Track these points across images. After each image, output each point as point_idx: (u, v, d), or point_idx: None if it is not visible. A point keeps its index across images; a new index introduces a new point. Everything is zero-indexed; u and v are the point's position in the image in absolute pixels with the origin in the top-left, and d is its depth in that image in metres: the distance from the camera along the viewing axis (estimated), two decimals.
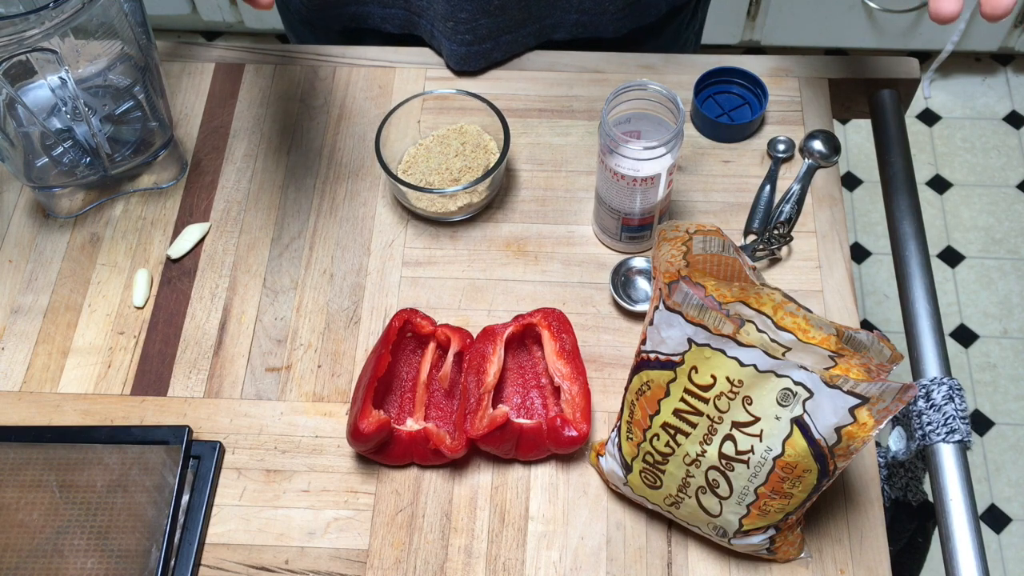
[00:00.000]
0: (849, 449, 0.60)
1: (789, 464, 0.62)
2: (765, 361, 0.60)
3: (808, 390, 0.59)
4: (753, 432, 0.62)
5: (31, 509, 0.72)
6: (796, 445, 0.61)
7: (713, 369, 0.61)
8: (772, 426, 0.61)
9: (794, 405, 0.60)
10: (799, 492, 0.63)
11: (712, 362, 0.61)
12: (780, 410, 0.60)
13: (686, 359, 0.62)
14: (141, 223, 0.88)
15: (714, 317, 0.60)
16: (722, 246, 0.66)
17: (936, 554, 0.74)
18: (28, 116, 0.82)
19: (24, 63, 0.78)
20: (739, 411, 0.61)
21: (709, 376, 0.62)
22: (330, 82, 0.96)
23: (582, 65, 0.96)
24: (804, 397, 0.60)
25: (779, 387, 0.60)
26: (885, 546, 0.72)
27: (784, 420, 0.61)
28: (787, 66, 0.95)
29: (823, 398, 0.59)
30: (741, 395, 0.61)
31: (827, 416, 0.60)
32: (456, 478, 0.75)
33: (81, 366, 0.81)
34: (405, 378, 0.78)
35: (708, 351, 0.61)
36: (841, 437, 0.60)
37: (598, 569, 0.71)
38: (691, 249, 0.65)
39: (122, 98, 0.85)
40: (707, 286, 0.64)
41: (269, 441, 0.77)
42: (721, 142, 0.91)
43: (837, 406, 0.59)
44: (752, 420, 0.61)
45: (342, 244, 0.86)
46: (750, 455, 0.62)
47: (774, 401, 0.60)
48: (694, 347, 0.62)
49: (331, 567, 0.72)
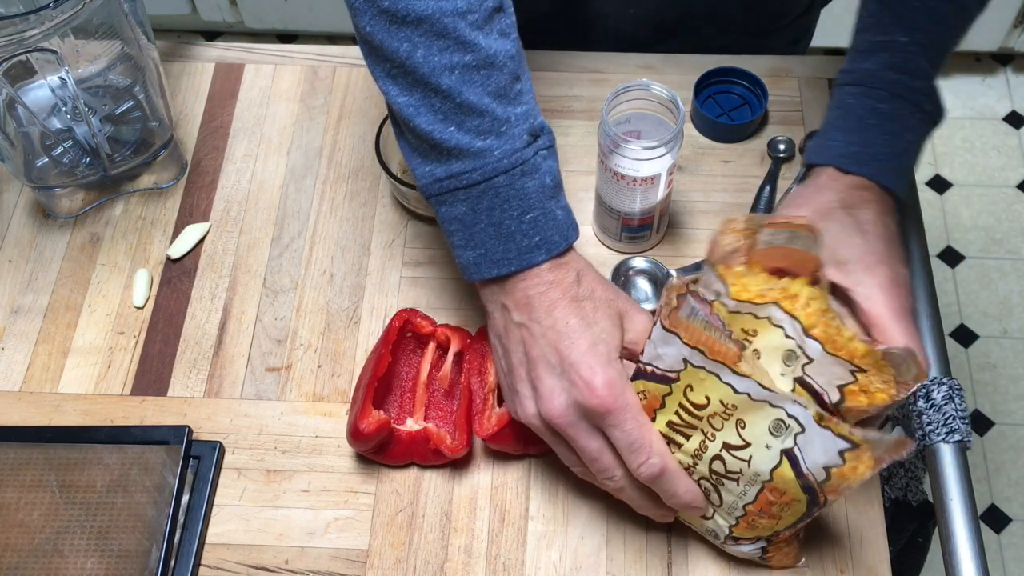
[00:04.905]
0: (839, 488, 0.60)
1: (778, 490, 0.62)
2: (759, 392, 0.59)
3: (800, 425, 0.59)
4: (742, 457, 0.62)
5: (31, 509, 0.72)
6: (784, 476, 0.61)
7: (707, 391, 0.61)
8: (762, 454, 0.61)
9: (785, 437, 0.60)
10: (788, 516, 0.63)
11: (706, 384, 0.61)
12: (771, 439, 0.60)
13: (682, 377, 0.62)
14: (141, 223, 0.88)
15: (717, 335, 0.60)
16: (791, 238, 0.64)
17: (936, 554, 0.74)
18: (28, 116, 0.82)
19: (24, 63, 0.78)
20: (732, 433, 0.61)
21: (704, 396, 0.61)
22: (330, 82, 0.96)
23: (582, 65, 0.96)
24: (796, 431, 0.60)
25: (772, 417, 0.60)
26: (885, 546, 0.72)
27: (774, 450, 0.61)
28: (787, 66, 0.95)
29: (814, 435, 0.59)
30: (735, 417, 0.61)
31: (816, 454, 0.59)
32: (456, 478, 0.75)
33: (81, 366, 0.81)
34: (405, 378, 0.78)
35: (703, 373, 0.61)
36: (830, 476, 0.60)
37: (598, 569, 0.71)
38: (756, 243, 0.64)
39: (122, 98, 0.85)
40: (733, 285, 0.63)
41: (269, 441, 0.77)
42: (721, 142, 0.91)
43: (827, 447, 0.59)
44: (743, 445, 0.61)
45: (342, 244, 0.86)
46: (739, 476, 0.62)
47: (767, 430, 0.60)
48: (690, 367, 0.61)
49: (331, 567, 0.72)
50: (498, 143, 0.62)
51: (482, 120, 0.62)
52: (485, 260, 0.64)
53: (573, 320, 0.63)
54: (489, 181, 0.63)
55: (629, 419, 0.62)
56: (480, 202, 0.63)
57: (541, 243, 0.64)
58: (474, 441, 0.75)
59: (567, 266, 0.65)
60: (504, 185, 0.63)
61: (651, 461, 0.62)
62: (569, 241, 0.65)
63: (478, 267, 0.65)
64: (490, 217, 0.63)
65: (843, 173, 0.70)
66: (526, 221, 0.63)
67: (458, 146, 0.62)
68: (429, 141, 0.63)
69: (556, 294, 0.64)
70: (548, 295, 0.64)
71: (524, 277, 0.64)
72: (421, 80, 0.62)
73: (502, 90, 0.63)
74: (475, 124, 0.62)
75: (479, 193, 0.63)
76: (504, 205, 0.63)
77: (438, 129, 0.62)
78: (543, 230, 0.64)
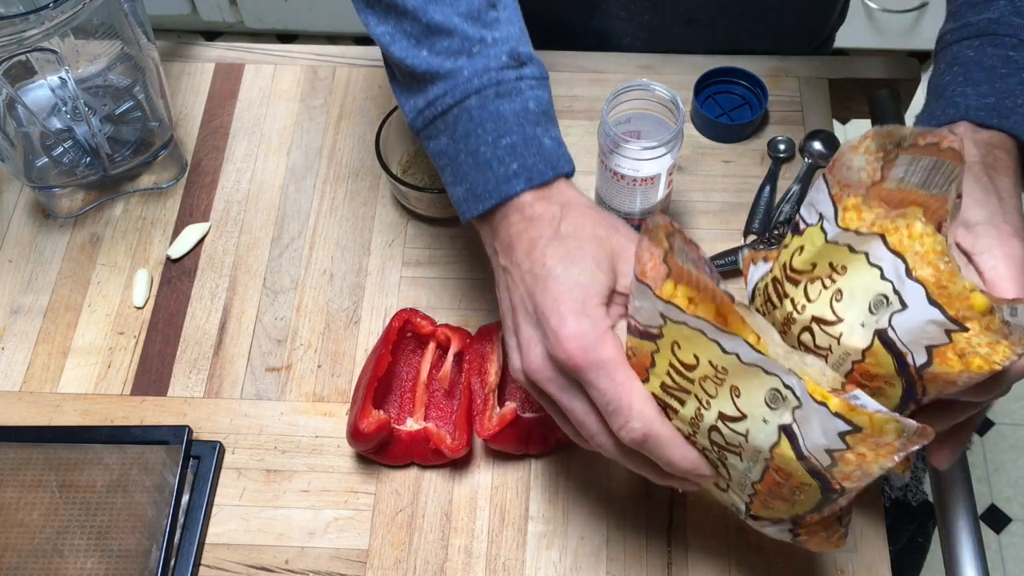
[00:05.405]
0: (852, 476, 0.50)
1: (783, 471, 0.53)
2: (749, 354, 0.51)
3: (797, 398, 0.50)
4: (739, 430, 0.53)
5: (31, 509, 0.72)
6: (784, 456, 0.52)
7: (695, 349, 0.53)
8: (759, 428, 0.52)
9: (783, 411, 0.51)
10: (804, 501, 0.54)
11: (693, 341, 0.52)
12: (768, 412, 0.52)
13: (665, 333, 0.54)
14: (141, 223, 0.88)
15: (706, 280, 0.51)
16: (930, 172, 0.53)
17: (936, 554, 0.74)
18: (28, 116, 0.82)
19: (24, 63, 0.78)
20: (727, 402, 0.53)
21: (692, 355, 0.53)
22: (330, 82, 0.96)
23: (582, 65, 0.96)
24: (794, 405, 0.50)
25: (768, 386, 0.51)
26: (885, 546, 0.72)
27: (772, 425, 0.52)
28: (787, 66, 0.95)
29: (811, 412, 0.50)
30: (728, 383, 0.52)
31: (816, 435, 0.50)
32: (456, 478, 0.75)
33: (81, 366, 0.81)
34: (405, 378, 0.78)
35: (687, 329, 0.52)
36: (836, 462, 0.50)
37: (598, 569, 0.71)
38: (887, 177, 0.54)
39: (122, 98, 0.85)
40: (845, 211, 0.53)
41: (269, 441, 0.77)
42: (721, 142, 0.91)
43: (826, 427, 0.50)
44: (739, 416, 0.53)
45: (342, 244, 0.86)
46: (740, 450, 0.54)
47: (763, 401, 0.52)
48: (670, 323, 0.53)
49: (331, 567, 0.72)
50: (469, 63, 0.59)
51: (451, 40, 0.59)
52: (471, 196, 0.60)
53: (551, 262, 0.56)
54: (461, 104, 0.59)
55: (602, 377, 0.54)
56: (456, 129, 0.60)
57: (520, 171, 0.58)
58: (474, 441, 0.75)
59: (551, 199, 0.58)
60: (476, 107, 0.59)
61: (630, 425, 0.54)
62: (557, 171, 0.59)
63: (467, 204, 0.60)
64: (467, 145, 0.59)
65: (979, 128, 0.61)
66: (502, 147, 0.58)
67: (429, 70, 0.60)
68: (405, 69, 0.61)
69: (536, 232, 0.58)
70: (528, 234, 0.58)
71: (507, 214, 0.59)
72: (392, 5, 0.60)
73: (474, 12, 0.60)
74: (445, 45, 0.59)
75: (454, 119, 0.60)
76: (478, 130, 0.59)
77: (411, 55, 0.60)
78: (522, 156, 0.58)
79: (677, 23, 0.95)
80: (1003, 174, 0.60)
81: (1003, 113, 0.61)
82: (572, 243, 0.57)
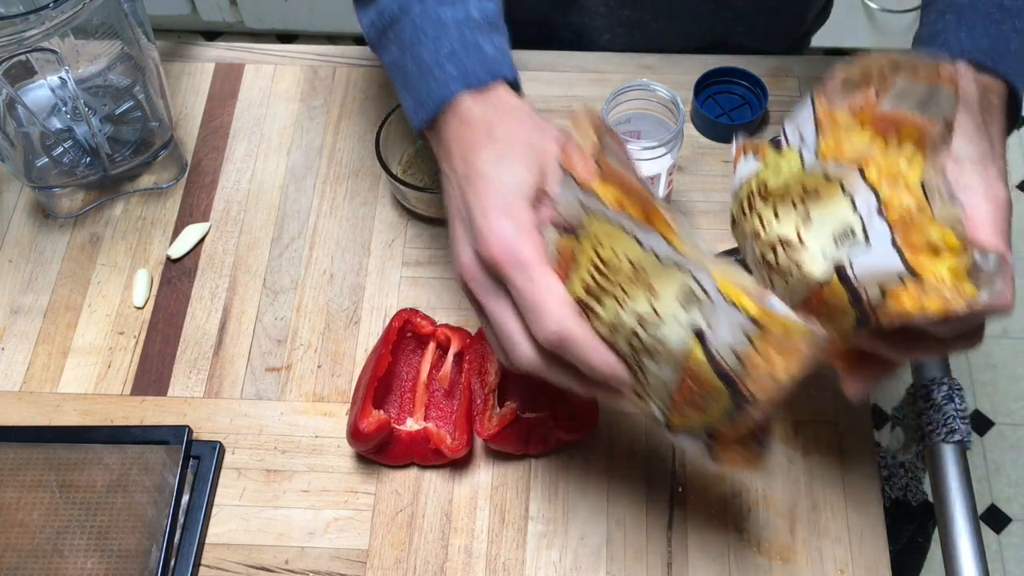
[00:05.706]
0: (762, 383, 0.50)
1: (696, 375, 0.52)
2: (665, 251, 0.50)
3: (709, 296, 0.50)
4: (656, 335, 0.52)
5: (31, 509, 0.72)
6: (697, 359, 0.51)
7: (615, 244, 0.52)
8: (674, 330, 0.52)
9: (695, 313, 0.51)
10: (714, 408, 0.54)
11: (613, 237, 0.52)
12: (681, 313, 0.51)
13: (586, 226, 0.53)
14: (141, 223, 0.88)
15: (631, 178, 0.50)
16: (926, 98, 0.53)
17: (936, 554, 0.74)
18: (28, 116, 0.82)
19: (24, 63, 0.78)
20: (643, 303, 0.52)
21: (611, 251, 0.52)
22: (330, 82, 0.96)
23: (582, 65, 0.96)
24: (706, 304, 0.50)
25: (681, 284, 0.51)
26: (885, 546, 0.72)
27: (685, 327, 0.51)
28: (787, 66, 0.95)
29: (720, 311, 0.50)
30: (645, 282, 0.52)
31: (724, 333, 0.50)
32: (456, 478, 0.75)
33: (81, 366, 0.81)
34: (405, 378, 0.78)
35: (607, 226, 0.52)
36: (744, 365, 0.50)
37: (598, 569, 0.71)
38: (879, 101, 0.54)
39: (122, 98, 0.85)
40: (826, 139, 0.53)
41: (269, 441, 0.77)
42: (721, 142, 0.91)
43: (732, 325, 0.49)
44: (655, 319, 0.52)
45: (342, 244, 0.86)
46: (657, 355, 0.53)
47: (676, 301, 0.51)
48: (591, 217, 0.52)
49: (331, 567, 0.72)
50: None
51: None
52: (417, 105, 0.61)
53: (480, 164, 0.57)
54: (408, 13, 0.61)
55: (520, 275, 0.54)
56: (402, 37, 0.62)
57: (458, 75, 0.59)
58: (474, 441, 0.75)
59: (487, 103, 0.59)
60: (419, 14, 0.61)
61: (545, 324, 0.53)
62: (495, 75, 0.59)
63: (414, 114, 0.62)
64: (412, 53, 0.61)
65: (976, 71, 0.60)
66: (443, 53, 0.60)
67: None
68: None
69: (471, 135, 0.58)
70: (463, 138, 0.59)
71: (447, 120, 0.60)
72: None
73: None
74: None
75: (400, 28, 0.62)
76: (421, 36, 0.60)
77: None
78: (461, 62, 0.59)
79: (656, 18, 0.95)
80: (994, 119, 0.61)
81: (1000, 56, 0.61)
82: (503, 146, 0.57)
